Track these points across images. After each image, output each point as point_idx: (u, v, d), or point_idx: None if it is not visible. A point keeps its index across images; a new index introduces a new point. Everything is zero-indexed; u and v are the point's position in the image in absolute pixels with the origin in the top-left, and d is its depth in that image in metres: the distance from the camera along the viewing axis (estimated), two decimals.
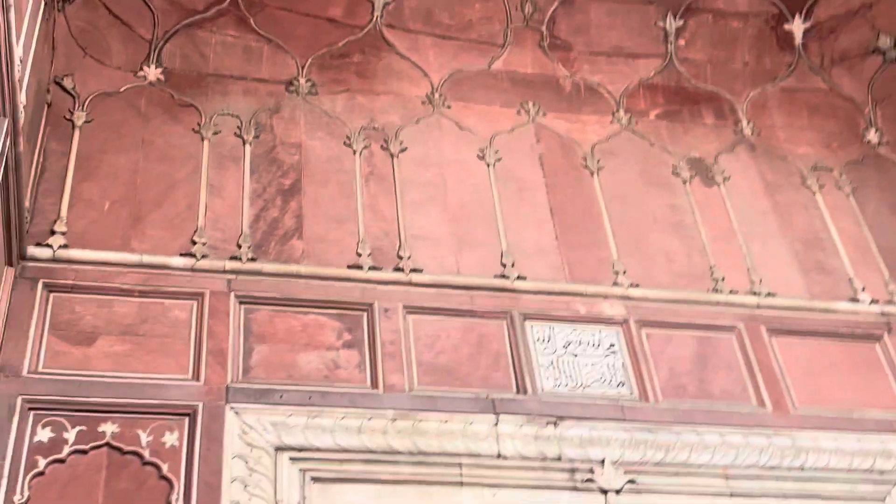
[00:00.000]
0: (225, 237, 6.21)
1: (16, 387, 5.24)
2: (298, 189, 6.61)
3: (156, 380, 5.48)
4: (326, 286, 6.14)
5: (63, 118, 6.48)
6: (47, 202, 6.06)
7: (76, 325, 5.60)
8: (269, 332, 5.87)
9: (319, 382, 5.72)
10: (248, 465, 5.28)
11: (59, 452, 5.12)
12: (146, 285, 5.85)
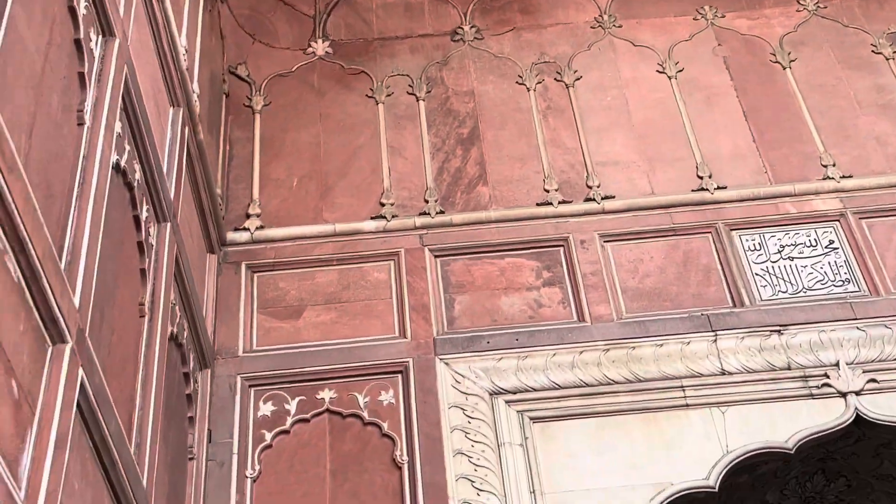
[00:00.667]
0: (411, 195, 6.21)
1: (234, 367, 5.42)
2: (477, 136, 6.52)
3: (365, 342, 5.55)
4: (518, 227, 6.05)
5: (242, 105, 6.63)
6: (239, 188, 6.22)
7: (282, 300, 5.73)
8: (468, 281, 5.82)
9: (525, 323, 5.64)
10: (465, 414, 5.26)
11: (284, 424, 5.25)
12: (343, 253, 5.92)
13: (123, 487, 3.74)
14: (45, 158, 3.32)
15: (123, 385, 3.95)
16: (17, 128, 3.09)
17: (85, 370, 3.35)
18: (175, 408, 4.73)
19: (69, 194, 3.50)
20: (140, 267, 4.33)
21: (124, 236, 4.18)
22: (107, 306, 3.83)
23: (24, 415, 2.91)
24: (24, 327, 2.98)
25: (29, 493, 2.85)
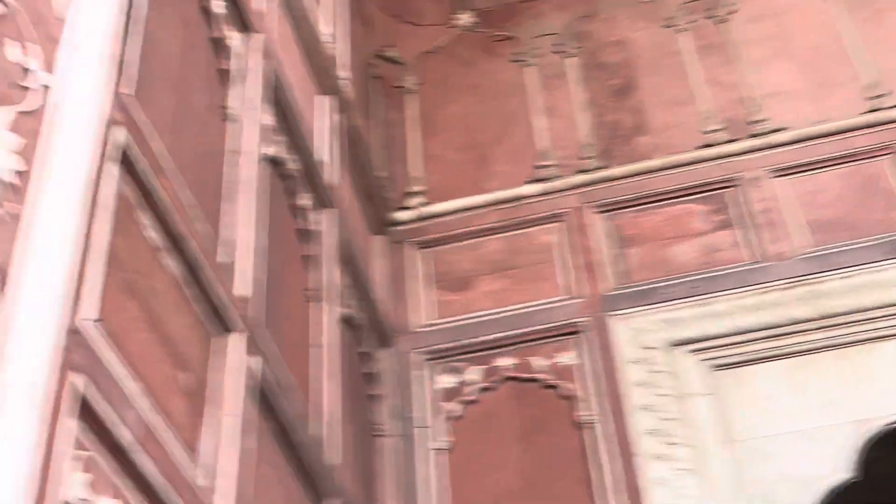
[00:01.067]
0: (569, 153, 6.11)
1: (412, 343, 5.47)
2: (631, 85, 6.36)
3: (538, 306, 5.51)
4: (683, 173, 5.86)
5: (394, 87, 6.67)
6: (399, 168, 6.27)
7: (452, 273, 5.74)
8: (636, 234, 5.69)
9: (699, 270, 5.46)
10: (646, 368, 5.15)
11: (466, 394, 5.27)
12: (507, 220, 5.89)
13: (311, 469, 3.82)
14: (194, 156, 3.41)
15: (300, 369, 4.03)
16: (164, 129, 3.18)
17: (257, 357, 3.43)
18: (357, 387, 4.81)
19: (220, 190, 3.59)
20: (304, 254, 4.41)
21: (286, 225, 4.26)
22: (275, 294, 3.91)
23: (199, 406, 3.00)
24: (190, 321, 3.08)
25: (212, 481, 2.94)
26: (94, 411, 2.35)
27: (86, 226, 2.46)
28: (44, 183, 2.33)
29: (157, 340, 2.81)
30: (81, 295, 2.40)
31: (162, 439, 2.66)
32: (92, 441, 2.35)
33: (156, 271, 2.90)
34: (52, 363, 2.18)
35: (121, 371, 2.51)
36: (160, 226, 2.95)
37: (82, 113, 2.56)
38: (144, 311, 2.76)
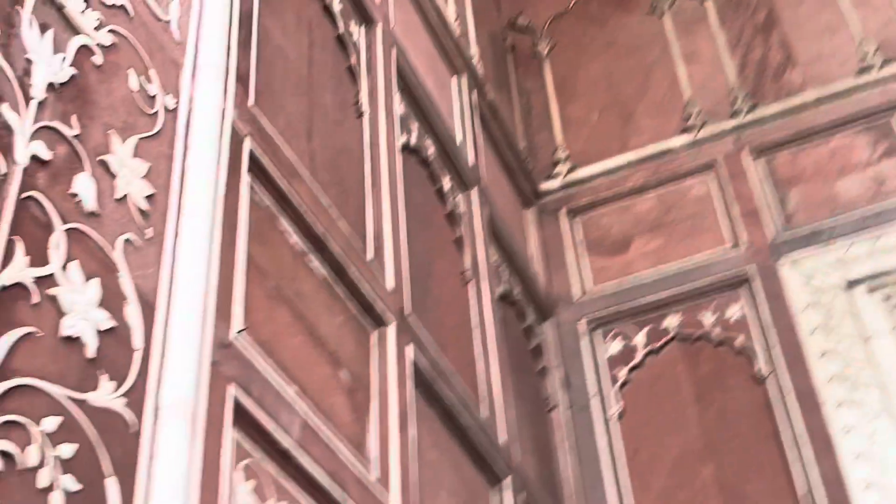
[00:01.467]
0: (716, 99, 5.90)
1: (574, 312, 5.40)
2: (774, 19, 6.09)
3: (699, 261, 5.35)
4: (840, 104, 5.57)
5: (528, 56, 6.59)
6: (541, 137, 6.19)
7: (607, 237, 5.65)
8: (796, 174, 5.46)
9: (867, 204, 5.19)
10: (822, 312, 4.93)
11: (635, 359, 5.18)
12: (657, 176, 5.74)
13: (483, 451, 3.83)
14: (330, 156, 3.45)
15: (460, 353, 4.04)
16: (295, 135, 3.22)
17: (415, 347, 3.45)
18: (522, 364, 4.80)
19: (362, 186, 3.62)
20: (454, 237, 4.42)
21: (431, 212, 4.27)
22: (427, 281, 3.93)
23: (360, 401, 3.05)
24: (342, 319, 3.12)
25: (381, 472, 2.98)
26: (252, 419, 2.41)
27: (224, 240, 2.51)
28: (177, 204, 2.40)
29: (310, 343, 2.86)
30: (228, 308, 2.46)
31: (325, 438, 2.71)
32: (253, 448, 2.41)
33: (302, 275, 2.95)
34: (205, 379, 2.23)
35: (275, 377, 2.56)
36: (301, 230, 3.00)
37: (209, 130, 2.62)
38: (294, 316, 2.82)
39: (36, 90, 2.08)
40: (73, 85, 2.20)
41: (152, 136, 2.43)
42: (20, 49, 2.08)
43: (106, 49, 2.36)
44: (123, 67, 2.42)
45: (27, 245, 1.89)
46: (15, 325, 1.79)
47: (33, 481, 1.71)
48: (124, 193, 2.23)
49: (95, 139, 2.22)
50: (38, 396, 1.79)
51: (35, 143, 2.02)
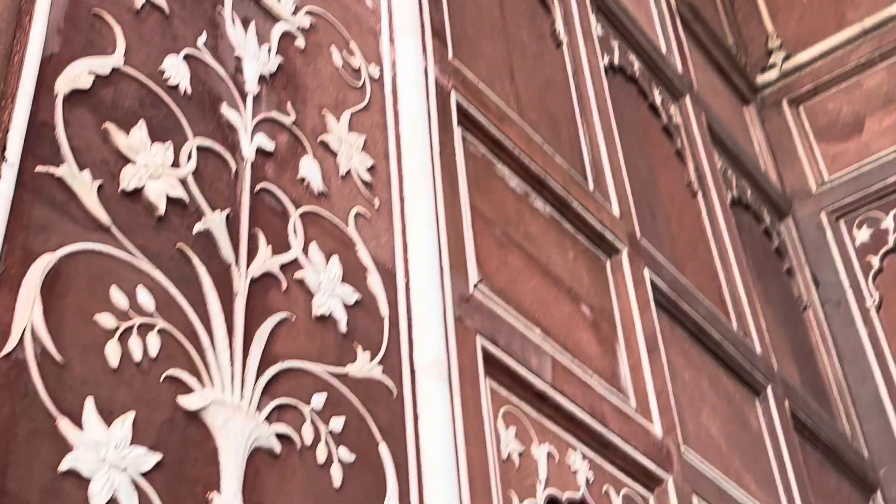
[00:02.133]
0: None
1: (813, 205, 5.22)
2: None
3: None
4: None
5: None
6: (749, 28, 5.96)
7: (836, 122, 5.40)
8: None
9: None
10: None
11: (887, 244, 4.94)
12: (883, 47, 5.41)
13: (738, 362, 3.76)
14: (535, 93, 3.43)
15: (700, 268, 3.96)
16: (497, 78, 3.22)
17: (650, 270, 3.41)
18: (765, 267, 4.66)
19: (571, 115, 3.58)
20: (674, 150, 4.32)
21: (646, 128, 4.19)
22: (653, 201, 3.86)
23: (605, 332, 3.04)
24: (574, 254, 3.11)
25: (638, 400, 2.98)
26: (504, 366, 2.45)
27: (447, 196, 2.55)
28: (398, 170, 2.45)
29: (546, 283, 2.87)
30: (462, 262, 2.50)
31: (578, 375, 2.73)
32: (509, 395, 2.45)
33: (527, 217, 2.96)
34: (452, 335, 2.29)
35: (518, 322, 2.60)
36: (519, 172, 3.01)
37: (415, 91, 2.65)
38: (526, 259, 2.83)
39: (249, 85, 2.16)
40: (281, 73, 2.28)
41: (363, 108, 2.48)
42: (228, 48, 2.16)
43: (306, 31, 2.42)
44: (325, 46, 2.47)
45: (267, 235, 1.98)
46: (271, 312, 1.89)
47: (313, 458, 1.81)
48: (347, 169, 2.30)
49: (312, 121, 2.29)
50: (303, 377, 1.89)
51: (258, 136, 2.10)
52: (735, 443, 3.45)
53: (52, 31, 1.75)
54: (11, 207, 1.51)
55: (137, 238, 1.70)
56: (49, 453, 1.40)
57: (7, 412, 1.38)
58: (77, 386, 1.48)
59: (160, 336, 1.63)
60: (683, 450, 3.02)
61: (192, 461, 1.59)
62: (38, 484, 1.37)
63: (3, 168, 1.52)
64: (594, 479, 2.58)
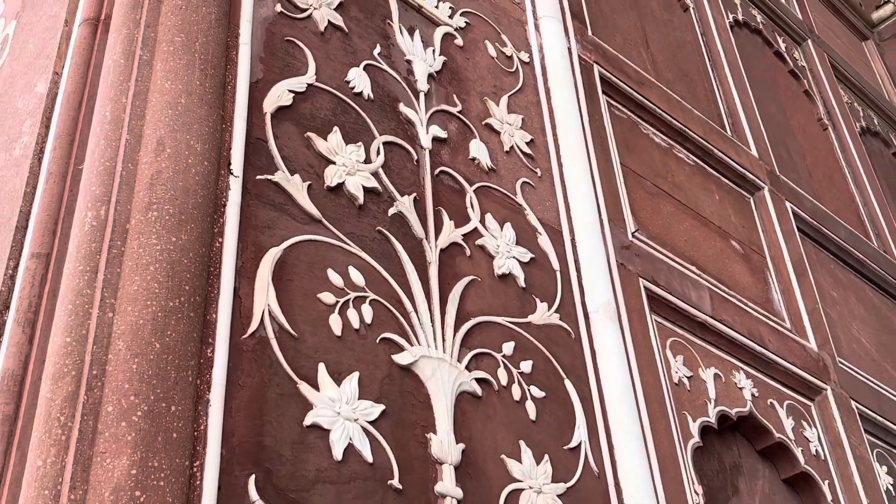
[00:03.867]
0: None
1: None
2: None
3: None
4: None
5: None
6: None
7: None
8: None
9: None
10: None
11: None
12: None
13: (880, 275, 3.59)
14: (669, 55, 3.34)
15: (838, 195, 3.80)
16: (633, 47, 3.16)
17: (791, 202, 3.28)
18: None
19: (706, 72, 3.47)
20: (802, 90, 4.13)
21: (774, 74, 4.02)
22: (787, 139, 3.71)
23: (756, 262, 2.95)
24: (719, 196, 3.02)
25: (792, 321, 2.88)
26: (667, 303, 2.41)
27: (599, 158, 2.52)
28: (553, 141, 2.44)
29: (697, 224, 2.80)
30: (619, 215, 2.47)
31: (733, 303, 2.66)
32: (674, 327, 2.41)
33: (673, 167, 2.90)
34: (617, 280, 2.27)
35: (675, 263, 2.55)
36: (662, 129, 2.94)
37: (562, 69, 2.62)
38: (677, 206, 2.77)
39: (420, 84, 2.18)
40: (446, 70, 2.29)
41: (518, 91, 2.47)
42: (399, 54, 2.20)
43: (463, 31, 2.43)
44: (480, 40, 2.48)
45: (449, 211, 2.01)
46: (460, 276, 1.92)
47: (509, 397, 1.83)
48: (510, 146, 2.30)
49: (476, 108, 2.30)
50: (493, 329, 1.91)
51: (433, 127, 2.13)
52: (886, 350, 3.30)
53: (255, 60, 1.82)
54: (241, 212, 1.59)
55: (344, 226, 1.76)
56: (294, 411, 1.48)
57: (257, 381, 1.46)
58: (311, 354, 1.55)
59: (371, 306, 1.69)
60: (838, 360, 2.92)
61: (410, 408, 1.64)
62: (289, 437, 1.44)
63: (231, 181, 1.59)
64: (759, 394, 2.52)
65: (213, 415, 1.36)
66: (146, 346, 1.31)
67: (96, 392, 1.27)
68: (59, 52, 1.70)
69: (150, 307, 1.34)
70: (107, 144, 1.46)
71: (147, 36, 1.61)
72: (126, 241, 1.38)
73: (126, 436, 1.25)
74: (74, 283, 1.34)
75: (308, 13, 2.02)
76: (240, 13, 1.82)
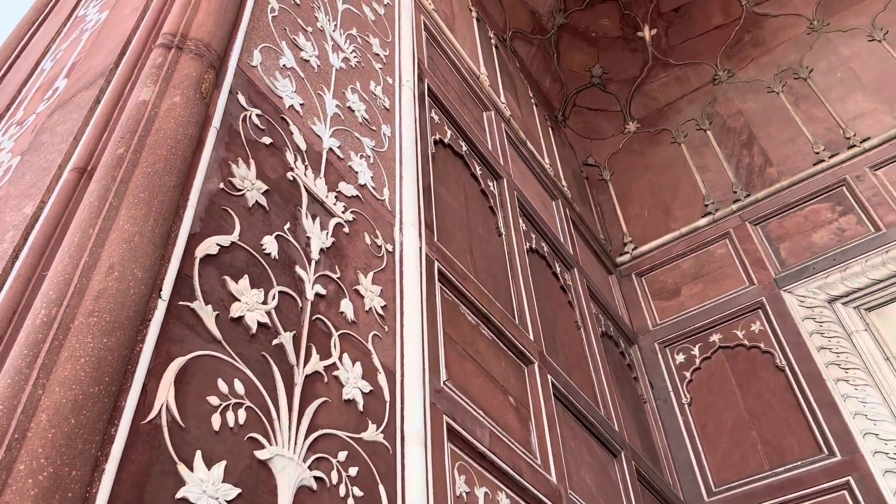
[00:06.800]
0: (723, 193, 5.66)
1: (650, 339, 5.19)
2: (753, 138, 5.83)
3: (728, 296, 5.08)
4: (805, 185, 5.27)
5: (598, 180, 6.48)
6: (613, 230, 6.04)
7: (664, 288, 5.43)
8: (783, 233, 5.15)
9: (835, 246, 4.85)
10: (816, 321, 4.60)
11: (694, 364, 4.91)
12: (691, 245, 5.51)
13: (604, 436, 3.68)
14: (485, 264, 3.45)
15: (581, 375, 3.92)
16: (463, 253, 3.24)
17: (551, 375, 3.37)
18: (621, 376, 4.62)
19: (507, 278, 3.60)
20: (567, 301, 4.33)
21: (552, 288, 4.20)
22: (553, 332, 3.84)
23: (524, 415, 2.98)
24: (505, 363, 3.07)
25: (542, 459, 2.89)
26: (460, 434, 2.39)
27: (429, 325, 2.53)
28: (400, 308, 2.44)
29: (488, 382, 2.82)
30: (437, 367, 2.47)
31: (506, 442, 2.66)
32: (462, 454, 2.38)
33: (477, 339, 2.94)
34: (429, 414, 2.24)
35: (469, 406, 2.54)
36: (474, 311, 2.99)
37: (413, 260, 2.66)
38: (476, 366, 2.79)
39: (314, 254, 2.16)
40: (333, 247, 2.29)
41: (381, 270, 2.49)
42: (302, 231, 2.18)
43: (350, 223, 2.45)
44: (361, 231, 2.50)
45: (317, 348, 1.95)
46: (316, 397, 1.85)
47: (337, 493, 1.74)
48: (370, 307, 2.29)
49: (350, 277, 2.29)
50: (334, 440, 1.83)
51: (317, 285, 2.10)
52: (602, 489, 3.35)
53: (196, 219, 1.77)
54: (161, 327, 1.49)
55: (237, 347, 1.67)
56: (170, 485, 1.34)
57: (146, 458, 1.33)
58: (192, 442, 1.43)
59: (246, 411, 1.59)
60: (569, 492, 2.93)
61: (260, 493, 1.53)
62: None
63: (159, 302, 1.50)
64: None
65: (105, 481, 1.22)
66: (63, 420, 1.18)
67: (13, 452, 1.12)
68: (49, 187, 1.60)
69: (74, 390, 1.22)
70: (69, 261, 1.36)
71: (119, 188, 1.54)
72: (67, 337, 1.27)
73: (30, 491, 1.10)
74: (17, 363, 1.21)
75: (242, 193, 2.00)
76: (192, 185, 1.78)
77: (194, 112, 1.86)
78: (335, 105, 2.70)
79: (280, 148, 2.23)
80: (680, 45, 6.66)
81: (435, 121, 3.61)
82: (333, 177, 2.45)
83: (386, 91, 3.20)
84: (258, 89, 2.27)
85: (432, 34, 4.29)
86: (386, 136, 2.95)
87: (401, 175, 2.89)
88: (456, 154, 3.71)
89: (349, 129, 2.71)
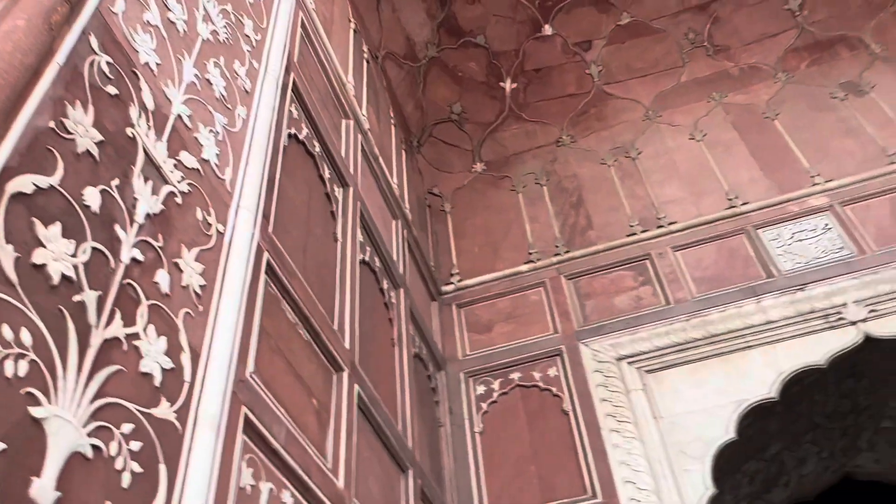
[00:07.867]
0: (547, 244, 6.03)
1: (458, 367, 5.36)
2: (581, 200, 6.30)
3: (533, 340, 5.37)
4: (617, 252, 5.75)
5: (439, 210, 6.65)
6: (443, 259, 6.21)
7: (479, 322, 5.65)
8: (591, 291, 5.57)
9: (631, 312, 5.32)
10: (603, 374, 4.99)
11: (492, 397, 5.14)
12: (511, 287, 5.80)
13: (397, 451, 3.73)
14: (316, 265, 3.41)
15: (388, 390, 3.96)
16: (296, 251, 3.18)
17: (359, 385, 3.38)
18: (425, 397, 4.72)
19: (334, 284, 3.58)
20: (388, 317, 4.38)
21: (376, 303, 4.22)
22: (369, 344, 3.86)
23: (324, 419, 2.95)
24: (316, 366, 3.04)
25: (333, 463, 2.88)
26: (256, 428, 2.32)
27: (246, 314, 2.46)
28: (219, 291, 2.35)
29: (295, 381, 2.78)
30: (245, 357, 2.40)
31: (301, 442, 2.62)
32: (255, 447, 2.32)
33: (294, 338, 2.89)
34: (228, 402, 2.16)
35: (271, 402, 2.49)
36: (295, 309, 2.95)
37: (243, 246, 2.58)
38: (286, 364, 2.75)
39: (138, 217, 2.04)
40: (162, 215, 2.17)
41: (208, 248, 2.39)
42: (131, 191, 2.05)
43: (184, 194, 2.34)
44: (194, 206, 2.39)
45: (122, 313, 1.83)
46: (111, 363, 1.73)
47: (113, 466, 1.63)
48: (187, 283, 2.19)
49: (172, 249, 2.18)
50: (120, 410, 1.71)
51: (135, 250, 1.97)
52: (386, 500, 3.38)
53: (15, 152, 1.61)
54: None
55: (33, 296, 1.53)
56: None
57: None
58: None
59: (29, 364, 1.45)
60: (354, 499, 2.93)
61: (27, 452, 1.39)
62: None
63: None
64: None
65: None
66: None
67: None
68: None
69: None
70: None
71: None
72: None
73: None
74: None
75: (73, 137, 1.85)
76: (17, 116, 1.62)
77: (38, 41, 1.70)
78: (194, 74, 2.58)
79: (125, 101, 2.09)
80: (535, 103, 7.08)
81: (293, 115, 3.55)
82: (177, 144, 2.33)
83: (250, 74, 3.10)
84: (114, 37, 2.12)
85: (307, 32, 4.24)
86: (240, 118, 2.86)
87: (248, 159, 2.80)
88: (308, 152, 3.66)
89: (203, 102, 2.59)
